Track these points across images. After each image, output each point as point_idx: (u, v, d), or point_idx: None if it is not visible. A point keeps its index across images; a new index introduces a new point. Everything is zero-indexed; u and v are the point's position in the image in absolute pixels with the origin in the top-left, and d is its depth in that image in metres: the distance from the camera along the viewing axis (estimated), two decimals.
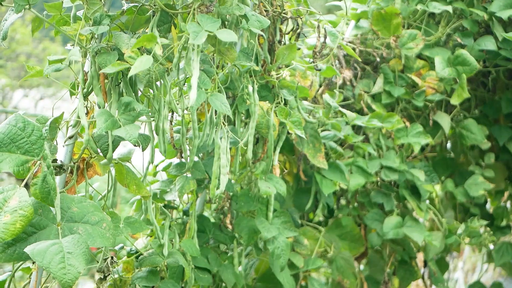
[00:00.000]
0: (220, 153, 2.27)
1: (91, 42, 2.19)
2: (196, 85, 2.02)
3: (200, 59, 2.14)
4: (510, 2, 3.40)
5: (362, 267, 3.80)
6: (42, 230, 1.87)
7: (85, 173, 2.17)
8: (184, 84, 2.38)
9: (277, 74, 2.72)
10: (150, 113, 2.26)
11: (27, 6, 2.03)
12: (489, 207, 4.37)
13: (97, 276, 2.31)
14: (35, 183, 1.83)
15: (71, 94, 2.24)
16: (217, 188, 2.35)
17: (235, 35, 2.10)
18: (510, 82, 3.82)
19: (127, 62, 2.00)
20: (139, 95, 2.30)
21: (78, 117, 2.11)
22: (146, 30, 2.24)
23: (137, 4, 2.24)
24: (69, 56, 2.00)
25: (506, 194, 4.21)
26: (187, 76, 2.36)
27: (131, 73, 1.91)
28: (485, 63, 3.71)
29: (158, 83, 2.21)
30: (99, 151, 2.16)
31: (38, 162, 1.85)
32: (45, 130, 2.06)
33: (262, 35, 2.69)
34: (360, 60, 3.37)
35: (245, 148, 2.60)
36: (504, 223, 4.16)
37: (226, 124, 2.31)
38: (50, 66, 2.03)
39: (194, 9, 2.10)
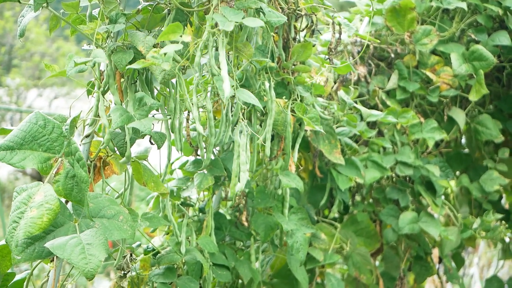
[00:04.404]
0: (240, 150, 2.27)
1: (107, 41, 2.20)
2: (227, 77, 2.02)
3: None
4: None
5: (377, 263, 3.80)
6: (60, 228, 1.90)
7: (102, 171, 2.18)
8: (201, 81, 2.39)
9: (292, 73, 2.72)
10: (166, 111, 2.28)
11: (45, 4, 2.04)
12: (504, 202, 4.36)
13: (117, 273, 2.33)
14: (58, 180, 1.85)
15: (89, 93, 2.25)
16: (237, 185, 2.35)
17: (261, 20, 2.12)
18: None
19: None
20: (155, 93, 2.32)
21: (95, 115, 2.12)
22: (162, 29, 2.25)
23: (152, 2, 2.25)
24: (92, 57, 2.01)
25: None
26: (203, 74, 2.38)
27: (162, 51, 1.91)
28: (500, 58, 3.69)
29: (174, 81, 2.22)
30: (115, 149, 2.17)
31: (60, 159, 1.87)
32: (66, 129, 2.08)
33: (276, 32, 2.70)
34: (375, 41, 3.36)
35: (262, 145, 2.61)
36: None
37: (245, 120, 2.31)
38: (74, 67, 2.04)
39: (214, 6, 2.11)
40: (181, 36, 1.97)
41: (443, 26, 3.57)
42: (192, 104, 2.22)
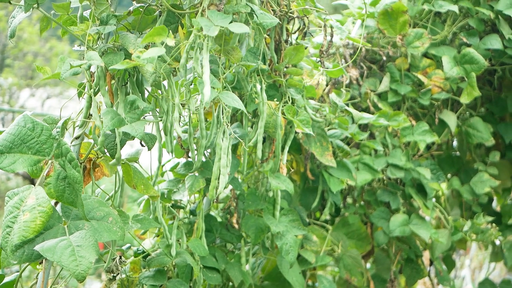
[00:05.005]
0: (221, 153, 2.27)
1: (98, 42, 2.20)
2: (208, 82, 2.02)
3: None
4: None
5: (368, 265, 3.81)
6: (49, 230, 1.90)
7: (92, 173, 2.18)
8: (191, 84, 2.39)
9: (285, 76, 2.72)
10: (158, 114, 2.27)
11: (35, 5, 2.04)
12: (495, 205, 4.37)
13: (106, 276, 2.32)
14: (49, 182, 1.85)
15: (80, 95, 2.24)
16: (216, 188, 2.34)
17: (247, 27, 2.11)
18: None
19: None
20: (146, 95, 2.31)
21: (85, 117, 2.11)
22: None
23: (143, 4, 2.25)
24: (87, 59, 2.00)
25: None
26: (195, 76, 2.38)
27: (143, 57, 1.91)
28: (491, 61, 3.70)
29: (165, 83, 2.21)
30: (105, 151, 2.16)
31: (50, 161, 1.87)
32: (57, 132, 2.07)
33: (269, 34, 2.70)
34: (367, 45, 3.37)
35: (253, 147, 2.60)
36: (511, 221, 4.16)
37: (229, 124, 2.31)
38: (69, 70, 2.03)
39: (203, 9, 2.11)
40: (167, 37, 1.97)
41: (435, 29, 3.58)
42: (175, 105, 2.21)
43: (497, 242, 4.17)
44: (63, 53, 12.29)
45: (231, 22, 2.07)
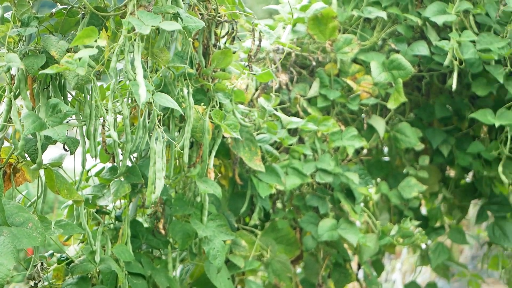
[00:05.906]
0: (156, 157, 2.24)
1: (19, 45, 2.15)
2: (143, 83, 2.00)
3: None
4: (443, 7, 3.47)
5: (299, 270, 3.81)
6: None
7: (12, 178, 2.12)
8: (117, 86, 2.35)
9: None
10: (81, 117, 2.23)
11: None
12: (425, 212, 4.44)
13: (28, 283, 2.28)
14: None
15: (0, 98, 2.19)
16: (153, 193, 2.31)
17: (178, 24, 2.09)
18: (443, 86, 3.89)
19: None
20: (69, 98, 2.27)
21: (5, 121, 2.06)
22: (76, 33, 2.20)
23: (66, 6, 2.21)
24: (6, 61, 1.95)
25: (439, 196, 4.28)
26: (121, 79, 2.35)
27: (76, 56, 1.88)
28: (420, 67, 3.76)
29: (90, 86, 2.18)
30: (26, 156, 2.11)
31: None
32: None
33: (197, 38, 2.68)
34: (297, 48, 3.38)
35: (181, 152, 2.58)
36: (438, 224, 4.23)
37: (161, 127, 2.28)
38: None
39: (131, 11, 2.08)
40: (95, 40, 1.94)
41: (364, 35, 3.62)
42: (107, 110, 2.18)
43: (423, 246, 4.24)
44: None
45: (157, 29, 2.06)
